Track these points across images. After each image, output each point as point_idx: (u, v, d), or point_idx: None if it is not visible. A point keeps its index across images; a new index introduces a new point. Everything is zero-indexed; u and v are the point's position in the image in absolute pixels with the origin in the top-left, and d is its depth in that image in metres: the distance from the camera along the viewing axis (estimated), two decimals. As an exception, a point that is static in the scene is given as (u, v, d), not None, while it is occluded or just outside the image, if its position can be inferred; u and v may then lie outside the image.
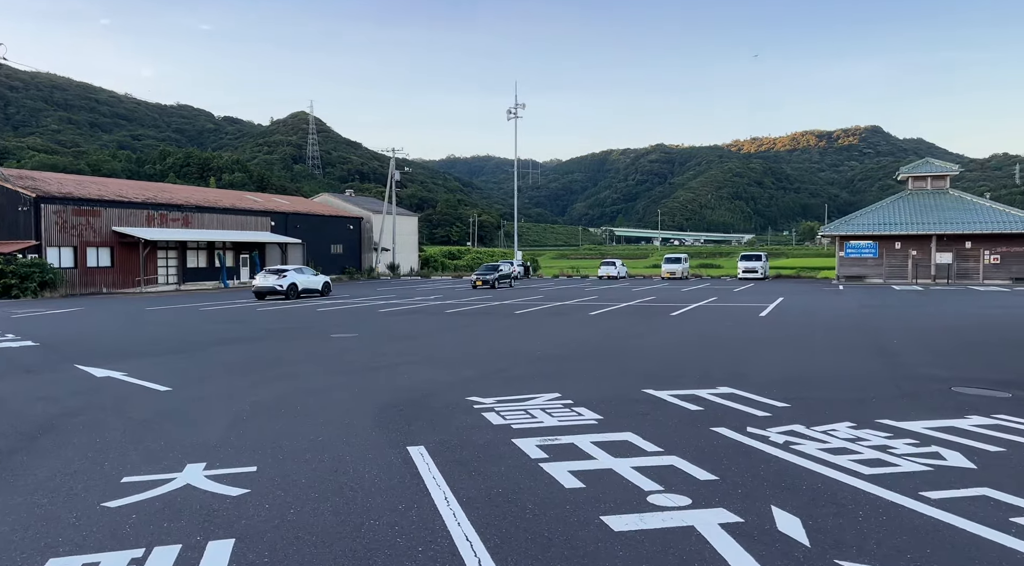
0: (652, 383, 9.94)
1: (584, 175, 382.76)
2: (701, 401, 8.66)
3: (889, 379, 10.11)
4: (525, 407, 8.39)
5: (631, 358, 12.45)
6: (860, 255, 43.61)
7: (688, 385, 9.75)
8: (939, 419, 7.45)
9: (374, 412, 8.27)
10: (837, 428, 7.11)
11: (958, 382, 9.81)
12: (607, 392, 9.30)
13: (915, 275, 42.39)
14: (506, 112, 60.08)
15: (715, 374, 10.70)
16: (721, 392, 9.24)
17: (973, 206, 43.12)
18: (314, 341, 15.65)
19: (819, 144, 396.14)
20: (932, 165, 46.61)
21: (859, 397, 8.81)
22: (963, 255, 41.55)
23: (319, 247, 56.13)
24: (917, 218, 42.85)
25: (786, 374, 10.65)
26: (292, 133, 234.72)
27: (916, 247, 42.48)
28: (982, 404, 8.29)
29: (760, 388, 9.46)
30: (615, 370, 11.13)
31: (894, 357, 12.32)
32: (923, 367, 11.17)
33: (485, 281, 39.53)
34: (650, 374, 10.74)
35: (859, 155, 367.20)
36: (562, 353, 13.16)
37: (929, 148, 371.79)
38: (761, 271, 49.01)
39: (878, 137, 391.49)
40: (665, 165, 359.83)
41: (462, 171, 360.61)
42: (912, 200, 45.10)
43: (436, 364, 12.01)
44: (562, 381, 10.17)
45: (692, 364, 11.71)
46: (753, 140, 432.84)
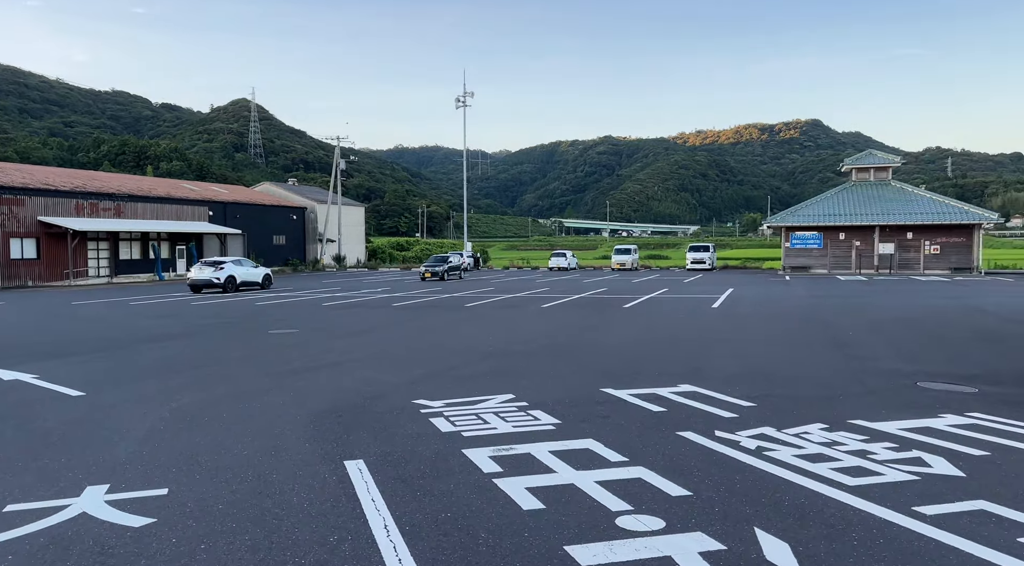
0: (610, 381, 9.40)
1: (533, 166, 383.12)
2: (663, 401, 8.14)
3: (852, 374, 9.79)
4: (477, 411, 7.73)
5: (587, 354, 11.91)
6: (805, 246, 44.19)
7: (648, 383, 9.24)
8: (913, 419, 7.07)
9: (310, 419, 7.51)
10: (809, 431, 6.66)
11: (922, 377, 9.53)
12: (564, 392, 8.71)
13: (859, 265, 43.15)
14: (455, 100, 59.08)
15: (674, 370, 10.23)
16: (683, 390, 8.75)
17: (914, 197, 44.09)
18: (250, 338, 14.69)
19: (761, 137, 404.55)
20: (875, 157, 47.51)
21: (825, 395, 8.42)
22: (904, 245, 42.46)
23: (261, 238, 54.32)
24: (860, 209, 43.58)
25: (746, 369, 10.24)
26: (233, 121, 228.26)
27: (859, 238, 43.23)
28: (952, 401, 7.97)
29: (722, 385, 9.01)
30: (571, 367, 10.56)
31: (853, 350, 12.07)
32: (884, 361, 10.91)
33: (434, 273, 38.67)
34: (607, 371, 10.21)
35: (800, 148, 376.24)
36: (515, 349, 12.54)
37: (867, 141, 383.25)
38: (709, 262, 49.33)
39: (818, 131, 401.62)
40: (613, 157, 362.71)
41: (410, 161, 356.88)
42: (856, 191, 45.87)
43: (381, 362, 11.25)
44: (516, 380, 9.55)
45: (649, 359, 11.23)
46: (698, 133, 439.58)
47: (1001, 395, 8.31)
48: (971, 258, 41.31)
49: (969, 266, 41.20)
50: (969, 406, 7.67)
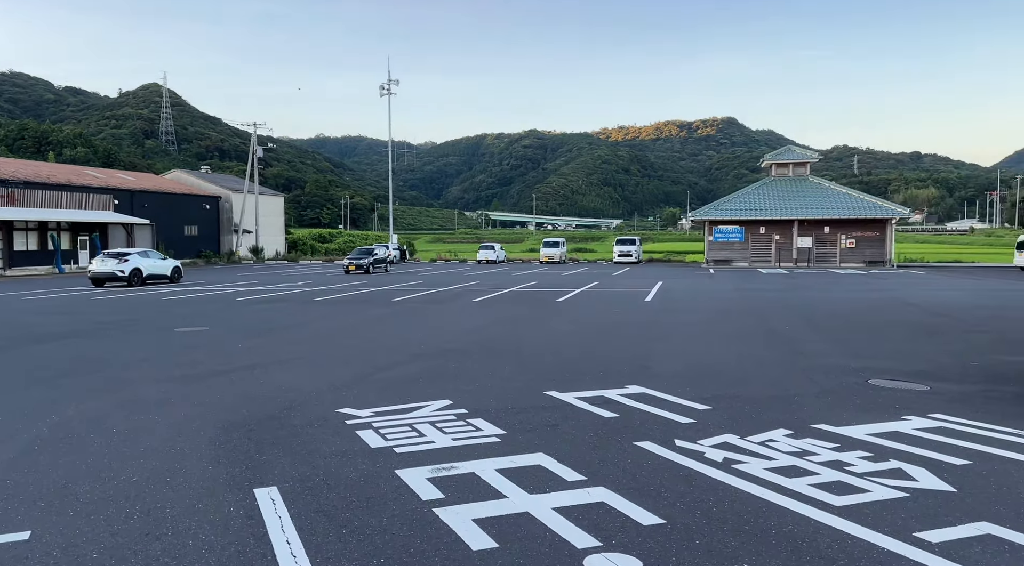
0: (553, 383, 8.72)
1: (459, 158, 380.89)
2: (613, 405, 7.52)
3: (801, 372, 9.42)
4: (410, 421, 6.91)
5: (525, 352, 11.21)
6: (728, 239, 44.89)
7: (593, 384, 8.61)
8: (877, 422, 6.66)
9: (216, 435, 6.52)
10: (774, 438, 6.13)
11: (871, 374, 9.24)
12: (505, 397, 7.98)
13: (778, 259, 44.16)
14: (379, 88, 57.41)
15: (619, 369, 9.65)
16: (631, 392, 8.15)
17: (830, 192, 45.41)
18: (154, 337, 13.35)
19: (680, 134, 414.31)
20: (793, 152, 48.73)
21: (780, 395, 7.98)
22: (822, 239, 43.68)
23: (171, 229, 51.44)
24: (780, 204, 44.58)
25: (692, 367, 9.75)
26: (143, 106, 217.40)
27: (779, 232, 44.23)
28: (909, 401, 7.65)
29: (671, 385, 8.47)
30: (510, 368, 9.84)
31: (795, 345, 11.80)
32: (829, 357, 10.63)
33: (359, 266, 37.31)
34: (549, 371, 9.54)
35: (716, 145, 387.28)
36: (449, 347, 11.73)
37: (779, 139, 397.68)
38: (635, 255, 49.61)
39: (733, 128, 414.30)
40: (538, 150, 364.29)
41: (333, 151, 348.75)
42: (775, 186, 46.92)
43: (301, 365, 10.25)
44: (452, 383, 8.76)
45: (591, 357, 10.62)
46: (620, 128, 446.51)
47: (955, 393, 8.06)
48: (884, 251, 42.86)
49: (882, 259, 42.72)
50: (929, 406, 7.34)
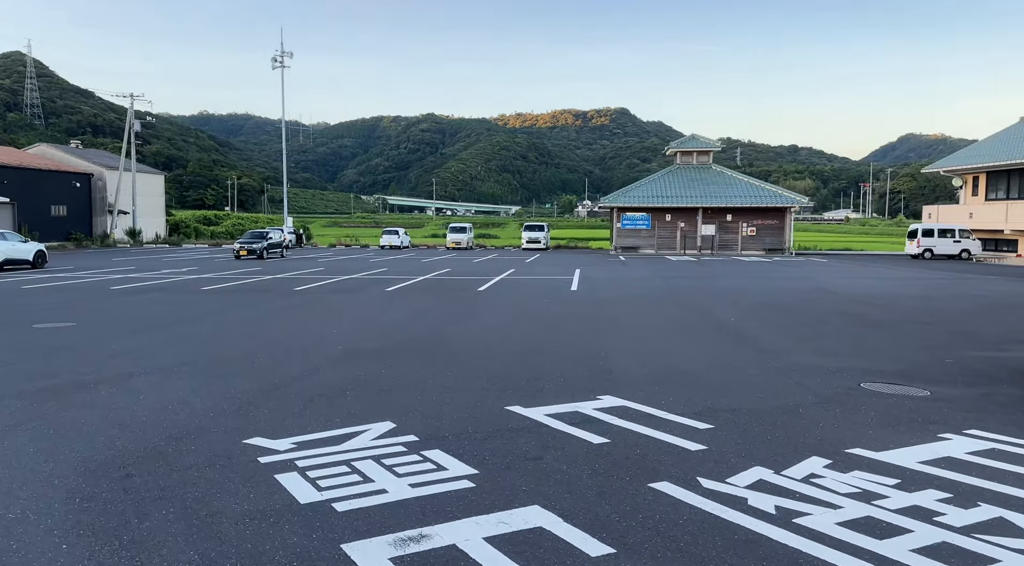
0: (511, 394, 7.28)
1: (355, 141, 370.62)
2: (595, 425, 6.16)
3: (779, 374, 8.40)
4: (347, 456, 5.29)
5: (463, 352, 9.70)
6: (635, 226, 44.72)
7: (558, 395, 7.23)
8: (915, 444, 5.60)
9: (78, 485, 4.69)
10: (817, 472, 4.95)
11: (855, 375, 8.33)
12: (460, 415, 6.47)
13: (683, 246, 44.41)
14: (271, 60, 53.64)
15: (578, 373, 8.32)
16: (608, 405, 6.83)
17: (732, 181, 46.04)
18: (5, 336, 10.92)
19: (576, 123, 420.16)
20: (697, 141, 49.12)
21: (778, 406, 6.87)
22: (725, 227, 44.21)
23: (35, 209, 46.19)
24: (685, 191, 44.78)
25: (658, 368, 8.56)
26: (5, 76, 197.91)
27: (684, 219, 44.44)
28: (926, 412, 6.70)
29: (648, 395, 7.22)
30: (452, 373, 8.31)
31: (749, 340, 10.86)
32: (793, 354, 9.71)
33: (251, 250, 34.41)
34: (499, 377, 8.08)
35: (610, 134, 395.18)
36: (371, 347, 10.05)
37: (668, 131, 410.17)
38: (544, 241, 48.76)
39: (626, 119, 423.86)
40: (437, 135, 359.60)
41: (218, 129, 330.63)
42: (680, 174, 47.15)
43: (192, 373, 8.32)
44: (389, 397, 7.15)
45: (541, 358, 9.24)
46: (518, 115, 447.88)
47: (960, 399, 7.20)
48: (783, 239, 43.86)
49: (781, 247, 43.72)
50: (952, 419, 6.40)
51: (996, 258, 37.53)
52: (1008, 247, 38.09)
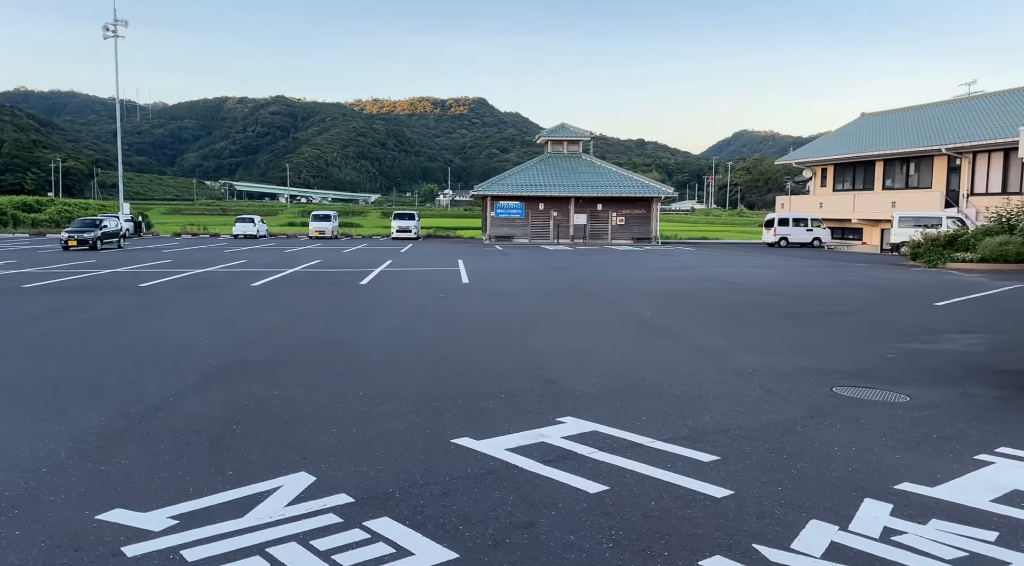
0: (451, 420, 5.83)
1: (196, 122, 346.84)
2: (574, 461, 4.87)
3: (738, 378, 7.49)
4: (258, 537, 3.68)
5: (370, 363, 8.08)
6: (509, 215, 43.91)
7: (509, 419, 5.87)
8: (961, 472, 4.74)
9: None
10: (892, 526, 3.91)
11: (817, 378, 7.57)
12: (397, 455, 4.96)
13: (556, 235, 44.15)
14: (103, 29, 47.83)
15: (519, 387, 6.99)
16: (575, 431, 5.56)
17: (602, 171, 46.31)
18: None
19: (435, 111, 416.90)
20: (568, 130, 48.98)
21: (768, 423, 5.90)
22: (595, 216, 44.36)
23: None
24: (557, 180, 44.50)
25: (606, 377, 7.40)
26: None
27: (557, 208, 44.16)
28: (931, 423, 5.95)
29: (613, 413, 6.04)
30: (366, 393, 6.71)
31: (682, 339, 9.99)
32: (738, 353, 8.89)
33: (83, 240, 30.22)
34: (428, 397, 6.59)
35: (469, 124, 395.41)
36: (255, 358, 8.19)
37: (525, 122, 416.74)
38: (415, 231, 46.87)
39: (484, 109, 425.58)
40: (288, 118, 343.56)
41: (38, 107, 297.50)
42: (552, 163, 46.83)
43: (12, 404, 6.18)
44: (295, 432, 5.49)
45: (466, 368, 7.82)
46: (375, 101, 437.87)
47: (944, 403, 6.57)
48: (650, 229, 44.67)
49: (648, 236, 44.50)
50: (965, 433, 5.67)
51: (845, 246, 40.03)
52: (854, 235, 40.75)
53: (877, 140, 39.77)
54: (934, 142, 34.73)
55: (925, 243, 23.16)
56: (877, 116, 45.61)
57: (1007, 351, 9.31)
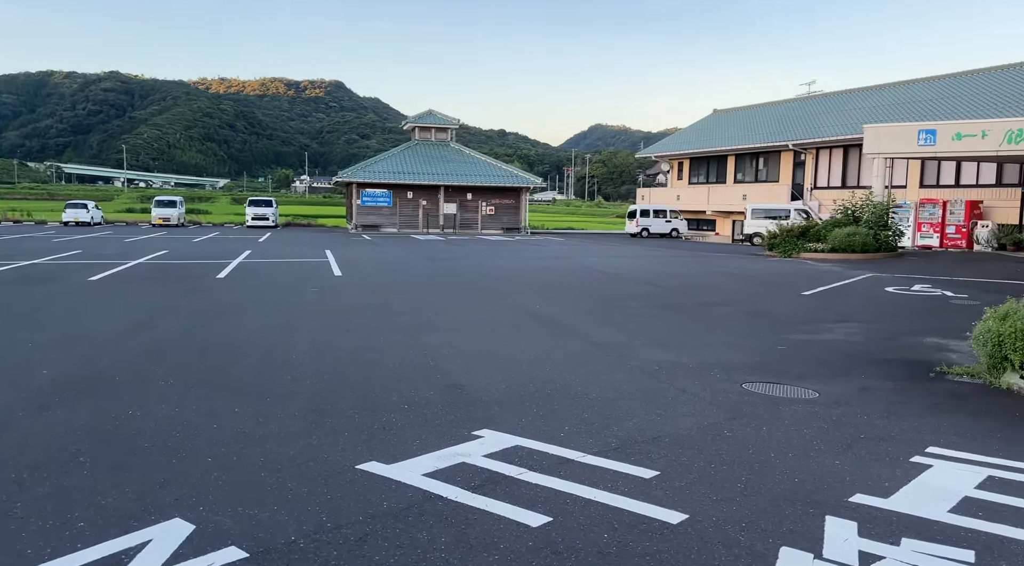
0: (351, 439, 5.07)
1: (17, 98, 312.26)
2: (504, 486, 4.28)
3: (647, 377, 7.19)
4: (131, 631, 2.80)
5: (243, 371, 7.07)
6: (376, 204, 42.44)
7: (419, 435, 5.20)
8: (906, 479, 4.59)
9: None
10: (867, 549, 3.62)
11: (722, 373, 7.42)
12: (294, 489, 4.15)
13: (426, 225, 43.21)
14: None
15: (422, 394, 6.31)
16: (496, 447, 4.98)
17: (471, 160, 45.82)
18: None
19: (288, 93, 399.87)
20: (436, 117, 47.98)
21: (694, 427, 5.59)
22: (465, 206, 43.84)
23: None
24: (426, 168, 43.53)
25: (513, 379, 6.87)
26: None
27: (426, 197, 43.21)
28: (850, 422, 5.86)
29: (532, 422, 5.53)
30: (245, 409, 5.77)
31: (578, 334, 9.64)
32: (638, 349, 8.64)
33: None
34: (319, 410, 5.76)
35: (326, 108, 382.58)
36: (102, 367, 6.94)
37: (386, 108, 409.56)
38: (272, 219, 44.23)
39: (342, 93, 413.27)
40: (123, 96, 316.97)
41: None
42: (420, 150, 45.76)
43: None
44: (162, 463, 4.53)
45: (357, 372, 7.01)
46: (222, 80, 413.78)
47: (853, 399, 6.56)
48: (519, 219, 44.76)
49: (518, 226, 44.59)
50: (891, 433, 5.61)
51: (700, 236, 41.95)
52: (708, 226, 42.82)
53: (728, 136, 41.90)
54: (781, 138, 37.00)
55: (781, 234, 24.48)
56: (728, 113, 48.15)
57: (883, 340, 9.67)
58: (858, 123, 30.21)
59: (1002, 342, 7.53)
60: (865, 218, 23.75)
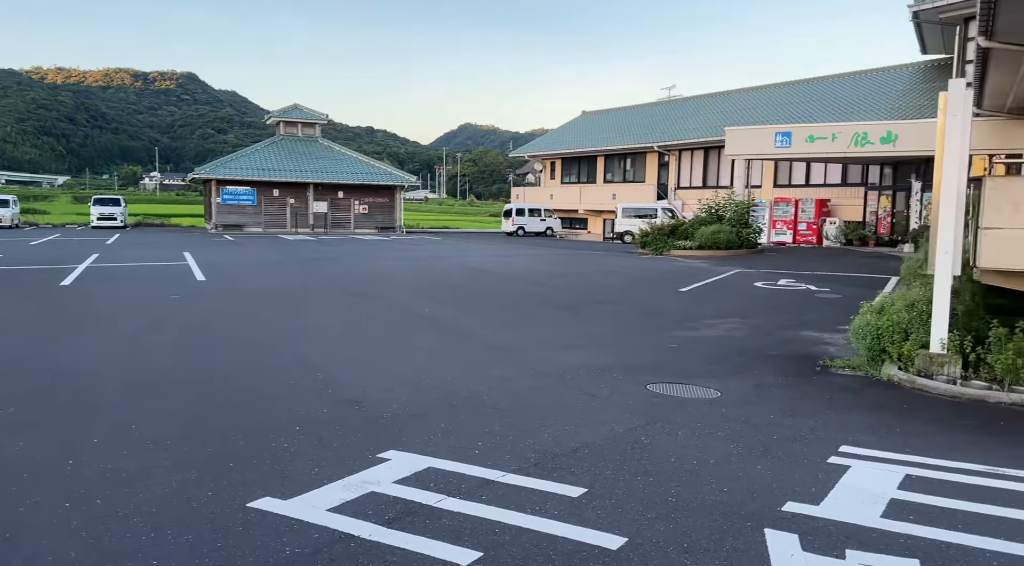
0: (240, 471, 4.46)
1: None
2: (423, 516, 3.87)
3: (554, 382, 6.95)
4: None
5: (106, 392, 6.17)
6: (238, 202, 40.02)
7: (318, 462, 4.67)
8: (828, 484, 4.57)
9: None
10: (811, 561, 3.49)
11: (625, 375, 7.32)
12: (176, 540, 3.55)
13: (295, 224, 41.26)
14: None
15: (315, 412, 5.74)
16: (408, 471, 4.56)
17: (342, 157, 44.24)
18: None
19: (136, 84, 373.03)
20: (302, 111, 45.88)
21: (609, 435, 5.39)
22: (337, 204, 42.27)
23: None
24: (293, 165, 41.59)
25: (414, 390, 6.42)
26: None
27: (294, 195, 41.28)
28: (757, 422, 5.85)
29: (442, 439, 5.15)
30: (110, 439, 4.97)
31: (473, 337, 9.29)
32: (538, 352, 8.40)
33: None
34: (202, 439, 5.07)
35: (177, 101, 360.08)
36: (-86, 405, 5.82)
37: (243, 101, 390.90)
38: (121, 218, 40.70)
39: (195, 85, 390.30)
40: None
41: None
42: (285, 146, 43.64)
43: None
44: (12, 509, 3.73)
45: (239, 392, 6.30)
46: (59, 70, 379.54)
47: (753, 397, 6.62)
48: (394, 218, 43.74)
49: (392, 226, 43.56)
50: (799, 433, 5.64)
51: (573, 235, 42.73)
52: (581, 225, 43.70)
53: (598, 137, 42.95)
54: (646, 140, 38.31)
55: (652, 232, 25.22)
56: (596, 114, 49.37)
57: (764, 335, 9.97)
58: (718, 126, 31.75)
59: (880, 335, 7.91)
60: (728, 216, 24.91)
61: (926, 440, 5.38)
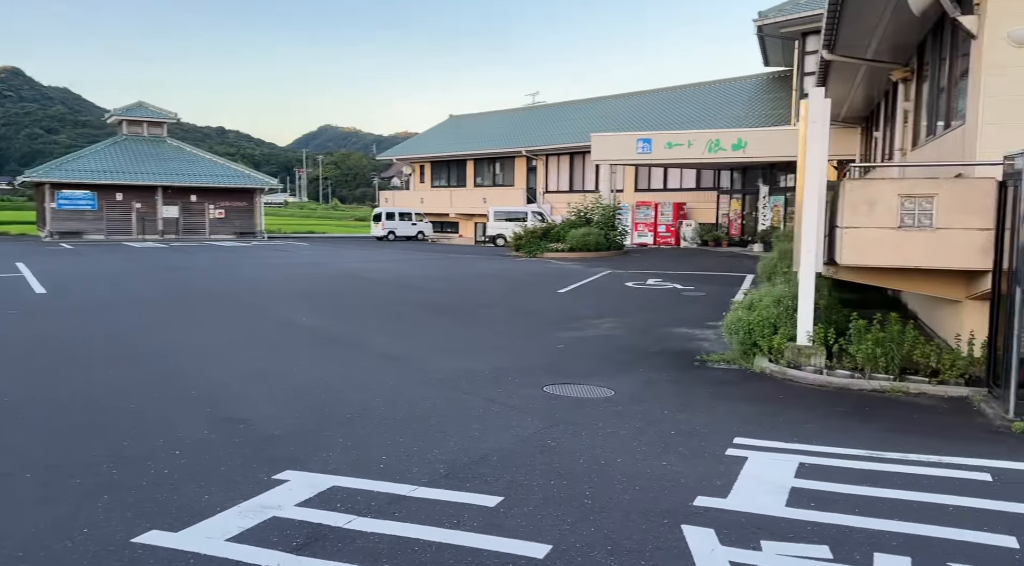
0: (122, 504, 4.02)
1: None
2: (334, 541, 3.64)
3: (450, 389, 6.82)
4: None
5: (-66, 429, 5.37)
6: (76, 207, 36.67)
7: (208, 488, 4.30)
8: (730, 475, 4.72)
9: None
10: (732, 556, 3.57)
11: (520, 378, 7.30)
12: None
13: (142, 230, 38.35)
14: None
15: (200, 434, 5.31)
16: (310, 492, 4.29)
17: (194, 158, 41.62)
18: None
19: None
20: (148, 110, 42.69)
21: (516, 439, 5.33)
22: (189, 209, 39.68)
23: None
24: (139, 167, 38.66)
25: (305, 405, 6.09)
26: None
27: (140, 199, 38.36)
28: (652, 418, 5.99)
29: (342, 455, 4.91)
30: (-51, 484, 4.31)
31: (358, 346, 8.97)
32: (429, 360, 8.23)
33: None
34: (69, 469, 4.56)
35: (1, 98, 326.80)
36: None
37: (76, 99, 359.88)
38: (-64, 225, 36.30)
39: (20, 81, 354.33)
40: None
41: None
42: (130, 147, 40.49)
43: None
44: None
45: (107, 413, 5.71)
46: None
47: (645, 395, 6.79)
48: (254, 223, 41.70)
49: (253, 231, 41.53)
50: (694, 427, 5.81)
51: (445, 238, 42.57)
52: (452, 229, 43.62)
53: (467, 141, 43.07)
54: (515, 145, 38.85)
55: (526, 235, 25.58)
56: (464, 118, 49.49)
57: (641, 333, 10.30)
58: (584, 132, 32.71)
59: (752, 330, 8.36)
60: (596, 219, 25.72)
61: (807, 428, 5.72)
